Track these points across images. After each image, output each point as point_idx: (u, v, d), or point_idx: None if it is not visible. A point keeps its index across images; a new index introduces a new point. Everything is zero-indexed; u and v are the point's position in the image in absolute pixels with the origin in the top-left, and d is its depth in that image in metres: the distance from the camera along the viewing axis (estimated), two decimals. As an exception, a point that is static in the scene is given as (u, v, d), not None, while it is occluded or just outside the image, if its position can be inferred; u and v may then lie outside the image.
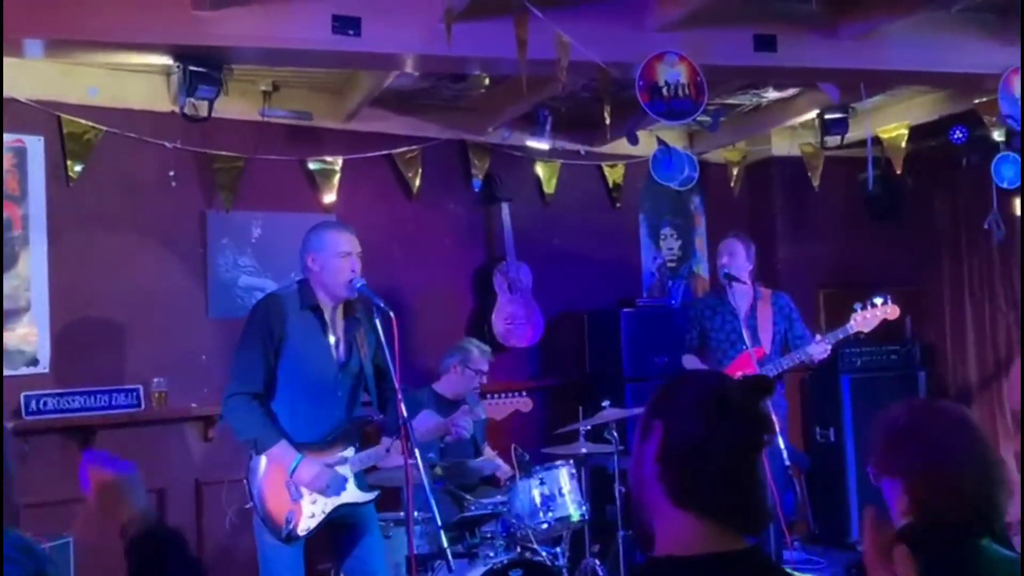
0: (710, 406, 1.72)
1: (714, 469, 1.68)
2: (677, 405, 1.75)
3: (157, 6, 4.15)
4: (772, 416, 1.76)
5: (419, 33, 4.41)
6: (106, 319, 5.43)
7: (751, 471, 1.71)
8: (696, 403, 1.73)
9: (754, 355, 5.26)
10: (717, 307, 5.61)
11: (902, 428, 2.19)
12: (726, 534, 1.68)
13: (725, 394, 1.72)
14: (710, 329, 5.59)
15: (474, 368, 5.45)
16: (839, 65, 4.97)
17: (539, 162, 6.93)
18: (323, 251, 3.92)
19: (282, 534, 3.86)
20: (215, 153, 5.71)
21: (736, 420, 1.70)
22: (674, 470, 1.70)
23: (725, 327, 5.52)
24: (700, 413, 1.71)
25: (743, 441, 1.70)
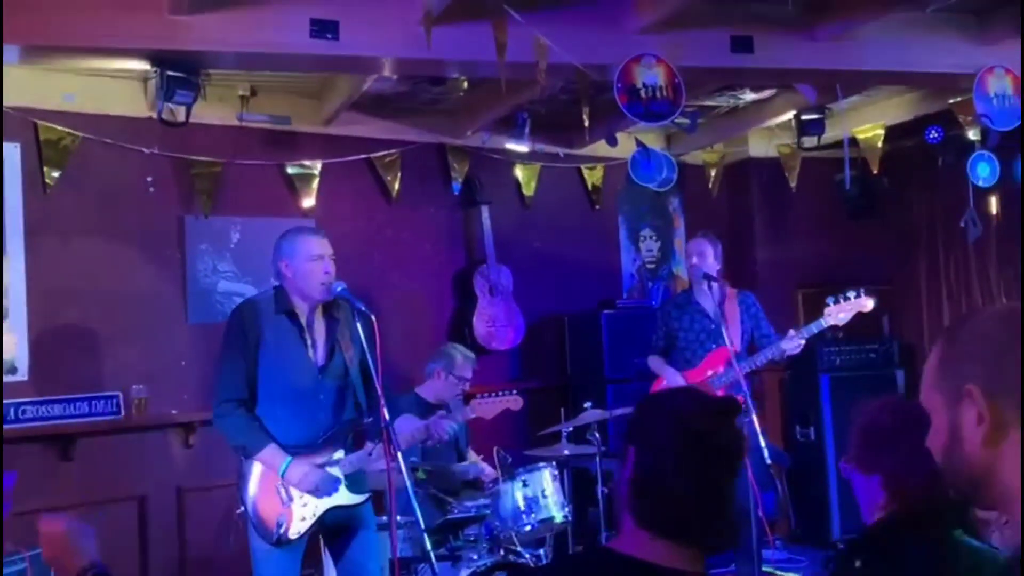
0: (676, 436, 1.75)
1: (678, 498, 1.72)
2: (646, 433, 1.79)
3: (134, 10, 4.13)
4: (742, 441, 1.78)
5: (398, 36, 4.41)
6: (85, 326, 5.39)
7: (718, 498, 1.74)
8: (664, 433, 1.77)
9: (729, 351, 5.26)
10: (685, 307, 5.60)
11: (881, 428, 2.22)
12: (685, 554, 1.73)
13: (691, 425, 1.75)
14: (678, 329, 5.56)
15: (457, 375, 5.44)
16: (815, 66, 5.01)
17: (518, 165, 6.95)
18: (295, 256, 3.91)
19: (273, 538, 3.85)
20: (193, 158, 5.69)
21: (702, 449, 1.73)
22: (643, 498, 1.75)
23: (694, 327, 5.52)
24: (666, 442, 1.75)
25: (710, 471, 1.73)
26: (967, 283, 7.22)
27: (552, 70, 4.46)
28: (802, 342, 5.27)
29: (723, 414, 1.78)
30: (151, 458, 5.54)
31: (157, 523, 5.50)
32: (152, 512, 5.49)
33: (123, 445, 5.42)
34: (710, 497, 1.73)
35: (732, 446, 1.75)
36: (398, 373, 5.79)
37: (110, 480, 5.34)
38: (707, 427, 1.74)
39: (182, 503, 5.58)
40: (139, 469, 5.47)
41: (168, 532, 5.54)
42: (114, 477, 5.37)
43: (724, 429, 1.76)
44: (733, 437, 1.76)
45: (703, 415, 1.76)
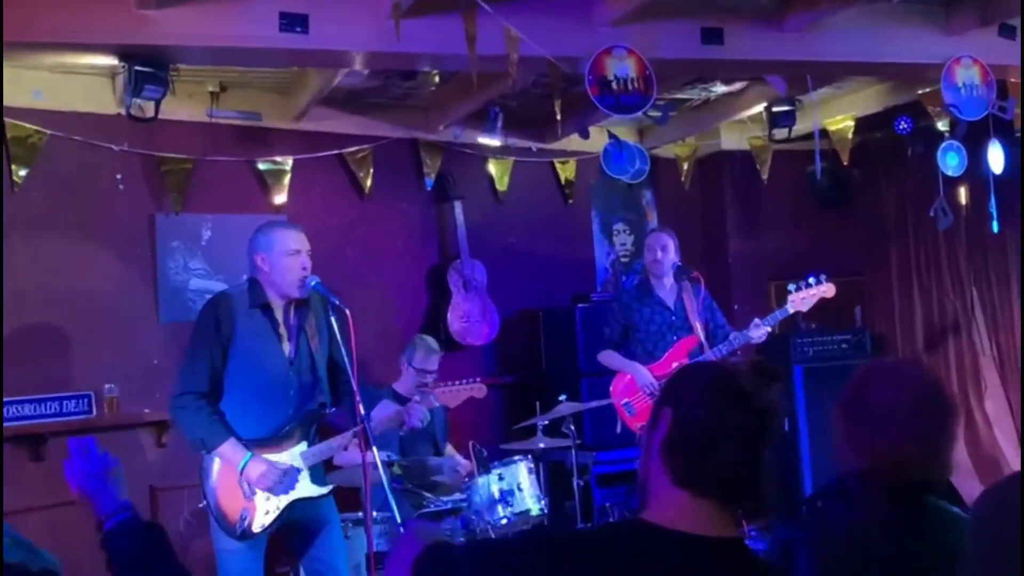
0: (718, 393, 1.73)
1: (719, 454, 1.69)
2: (686, 392, 1.77)
3: (101, 5, 4.10)
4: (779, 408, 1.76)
5: (368, 30, 4.40)
6: (55, 325, 5.34)
7: (755, 459, 1.70)
8: (705, 390, 1.75)
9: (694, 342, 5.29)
10: (644, 300, 5.56)
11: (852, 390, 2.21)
12: (720, 518, 1.69)
13: (734, 381, 1.72)
14: (638, 322, 5.52)
15: (418, 367, 5.44)
16: (785, 57, 5.03)
17: (491, 160, 6.94)
18: (272, 250, 3.88)
19: (236, 532, 3.82)
20: (163, 155, 5.65)
21: (743, 408, 1.70)
22: (679, 453, 1.71)
23: (655, 319, 5.49)
24: (708, 400, 1.73)
25: (750, 429, 1.70)
26: (938, 272, 7.28)
27: (523, 63, 4.46)
28: (768, 329, 5.29)
29: (765, 375, 1.75)
30: (123, 457, 5.29)
31: (130, 523, 5.45)
32: (125, 512, 5.44)
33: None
34: (748, 456, 1.70)
35: (771, 409, 1.72)
36: (373, 369, 5.78)
37: (82, 480, 5.29)
38: (749, 385, 1.72)
39: (155, 502, 5.53)
40: (112, 469, 5.42)
41: (142, 532, 5.49)
42: (86, 477, 5.31)
43: (765, 390, 1.73)
44: (773, 400, 1.73)
45: (746, 373, 1.74)
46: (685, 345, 5.31)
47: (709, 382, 1.77)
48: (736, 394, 1.71)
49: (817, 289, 5.28)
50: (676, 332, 5.40)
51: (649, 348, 5.48)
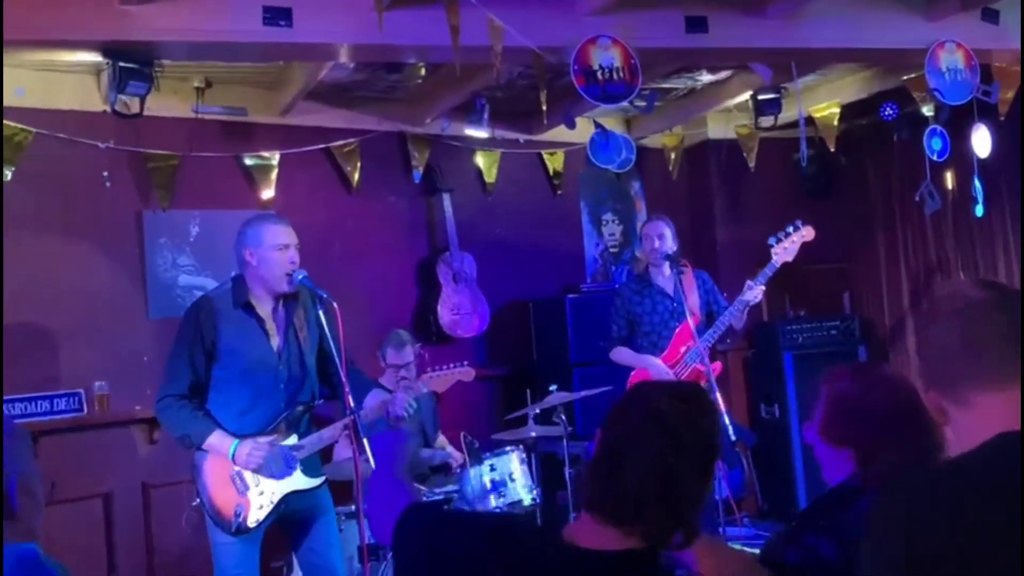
0: (632, 414, 1.77)
1: (619, 473, 1.72)
2: (614, 414, 1.82)
3: (83, 2, 4.08)
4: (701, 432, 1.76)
5: (351, 22, 4.39)
6: (44, 324, 5.34)
7: (662, 478, 1.70)
8: (622, 410, 1.80)
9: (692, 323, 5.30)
10: (644, 291, 5.57)
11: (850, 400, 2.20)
12: (625, 536, 1.71)
13: (653, 403, 1.75)
14: (641, 314, 5.53)
15: (390, 363, 5.46)
16: (769, 44, 5.03)
17: (479, 152, 6.95)
18: (260, 244, 3.89)
19: (232, 527, 3.84)
20: (149, 152, 5.64)
21: (652, 428, 1.72)
22: (592, 477, 1.77)
23: (657, 308, 5.51)
24: (622, 420, 1.77)
25: (660, 453, 1.71)
26: (925, 257, 7.31)
27: (508, 54, 4.46)
28: (762, 288, 5.29)
29: (680, 394, 1.77)
30: (115, 455, 5.50)
31: (123, 519, 5.47)
32: (118, 508, 5.46)
33: (86, 442, 5.38)
34: (653, 475, 1.70)
35: (682, 428, 1.72)
36: (363, 363, 5.75)
37: (75, 477, 5.29)
38: (666, 408, 1.74)
39: (148, 499, 5.56)
40: (103, 466, 5.43)
41: (135, 528, 5.51)
42: (78, 474, 5.31)
43: (678, 409, 1.74)
44: (687, 420, 1.74)
45: (666, 396, 1.76)
46: (687, 328, 5.31)
47: (629, 401, 1.81)
48: (651, 416, 1.73)
49: (797, 235, 5.31)
50: (678, 318, 5.42)
51: (654, 339, 5.50)
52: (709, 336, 5.37)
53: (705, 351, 5.28)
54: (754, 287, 5.29)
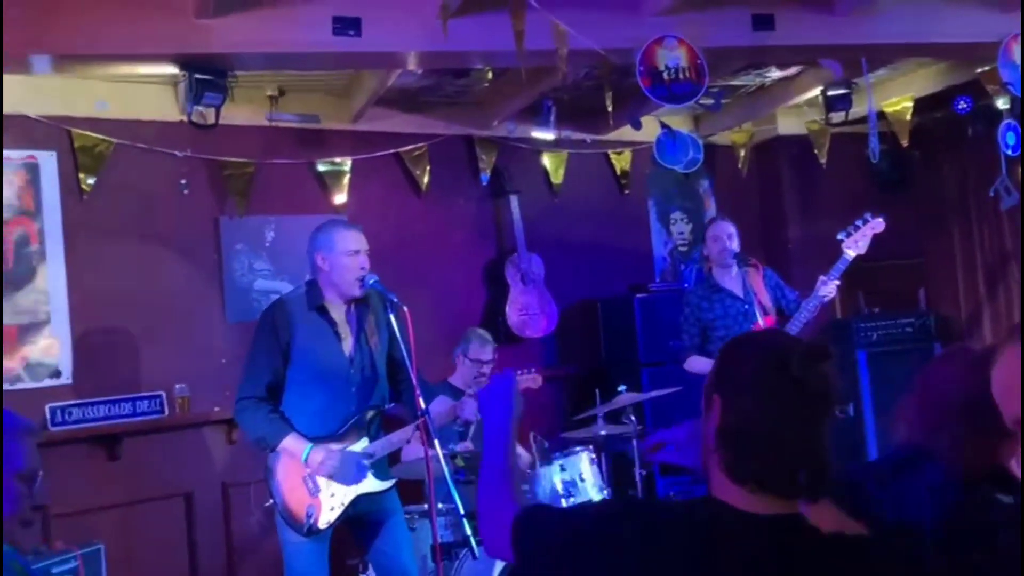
0: (767, 382, 1.68)
1: (770, 446, 1.66)
2: (735, 379, 1.73)
3: (160, 16, 4.21)
4: (835, 384, 1.69)
5: (419, 30, 4.45)
6: (125, 328, 5.50)
7: (812, 442, 1.66)
8: (755, 376, 1.70)
9: (766, 323, 5.26)
10: (712, 296, 5.48)
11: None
12: (778, 502, 1.67)
13: (784, 365, 1.66)
14: (712, 319, 5.44)
15: (471, 357, 5.50)
16: (838, 41, 4.99)
17: (546, 153, 6.98)
18: (332, 250, 3.97)
19: (303, 529, 3.92)
20: (225, 160, 5.78)
21: (794, 395, 1.65)
22: (731, 447, 1.68)
23: (729, 312, 5.42)
24: (757, 389, 1.69)
25: (802, 413, 1.65)
26: (1002, 252, 7.16)
27: (573, 56, 4.48)
28: (836, 282, 5.19)
29: (815, 355, 1.68)
30: (195, 455, 5.64)
31: (203, 518, 5.61)
32: (198, 508, 5.60)
33: (167, 443, 5.53)
34: (803, 442, 1.65)
35: (825, 388, 1.66)
36: (433, 364, 5.84)
37: (156, 478, 5.46)
38: (799, 367, 1.66)
39: (227, 498, 5.68)
40: (184, 466, 5.58)
41: (215, 527, 5.64)
42: (160, 475, 5.48)
43: (816, 370, 1.66)
44: (826, 379, 1.67)
45: (795, 355, 1.67)
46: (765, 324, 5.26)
47: (757, 365, 1.71)
48: (784, 379, 1.65)
49: (867, 228, 5.21)
50: (750, 319, 5.33)
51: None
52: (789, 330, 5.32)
53: None
54: (828, 282, 5.20)
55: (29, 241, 5.21)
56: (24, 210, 5.21)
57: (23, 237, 5.19)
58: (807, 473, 1.65)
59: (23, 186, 5.22)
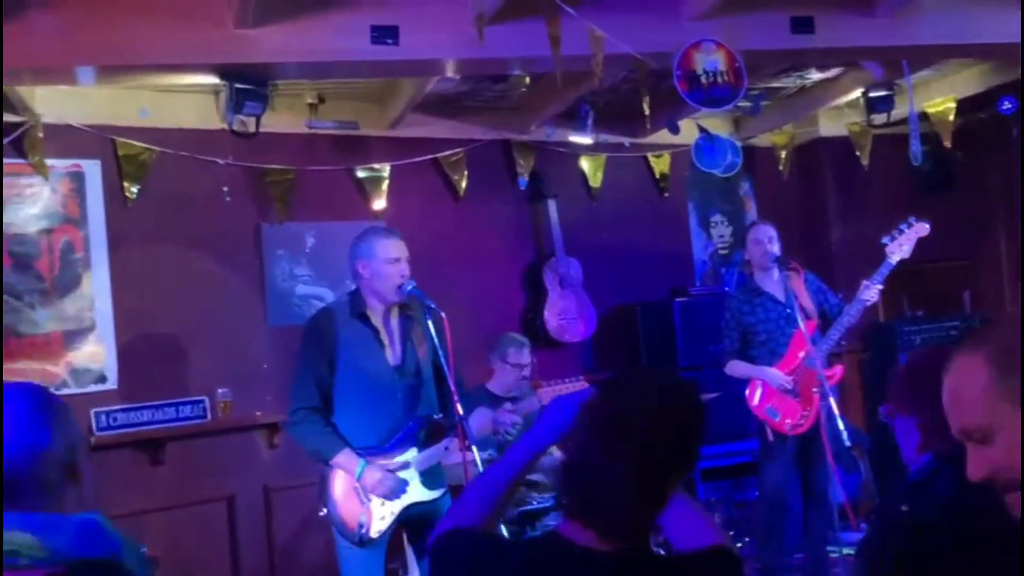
0: (584, 418, 1.76)
1: (582, 478, 1.72)
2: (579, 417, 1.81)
3: (201, 27, 4.25)
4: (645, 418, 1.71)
5: (456, 38, 4.47)
6: (169, 333, 5.58)
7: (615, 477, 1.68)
8: (578, 415, 1.79)
9: (808, 327, 5.22)
10: (754, 300, 5.43)
11: (923, 369, 2.23)
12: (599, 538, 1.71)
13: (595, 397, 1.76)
14: (754, 324, 5.39)
15: (511, 362, 5.49)
16: (878, 43, 4.93)
17: (584, 157, 6.97)
18: (373, 258, 3.99)
19: (356, 538, 3.94)
20: (266, 167, 5.84)
21: (601, 423, 1.71)
22: (562, 487, 1.78)
23: (771, 316, 5.37)
24: (579, 424, 1.77)
25: (610, 450, 1.69)
26: (1050, 253, 7.05)
27: (611, 61, 4.49)
28: (879, 287, 5.14)
29: (621, 386, 1.76)
30: (238, 459, 5.70)
31: (246, 522, 5.67)
32: (241, 511, 5.67)
33: (210, 447, 5.60)
34: (626, 487, 1.68)
35: (628, 423, 1.68)
36: (471, 369, 5.82)
37: (199, 481, 5.53)
38: (604, 397, 1.73)
39: (269, 502, 5.74)
40: (227, 470, 5.65)
41: (257, 530, 5.70)
42: (203, 478, 5.55)
43: (620, 401, 1.72)
44: (631, 410, 1.70)
45: (633, 399, 1.73)
46: (803, 334, 5.23)
47: (598, 406, 1.76)
48: (600, 416, 1.72)
49: (911, 232, 5.14)
50: (792, 324, 5.26)
51: (772, 347, 5.35)
52: (827, 340, 5.27)
53: (823, 356, 5.19)
54: (870, 287, 5.16)
55: (74, 249, 5.30)
56: (69, 218, 5.31)
57: (68, 245, 5.29)
58: (612, 509, 1.68)
59: (68, 194, 5.31)
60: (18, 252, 5.15)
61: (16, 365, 5.09)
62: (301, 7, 4.30)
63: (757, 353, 5.40)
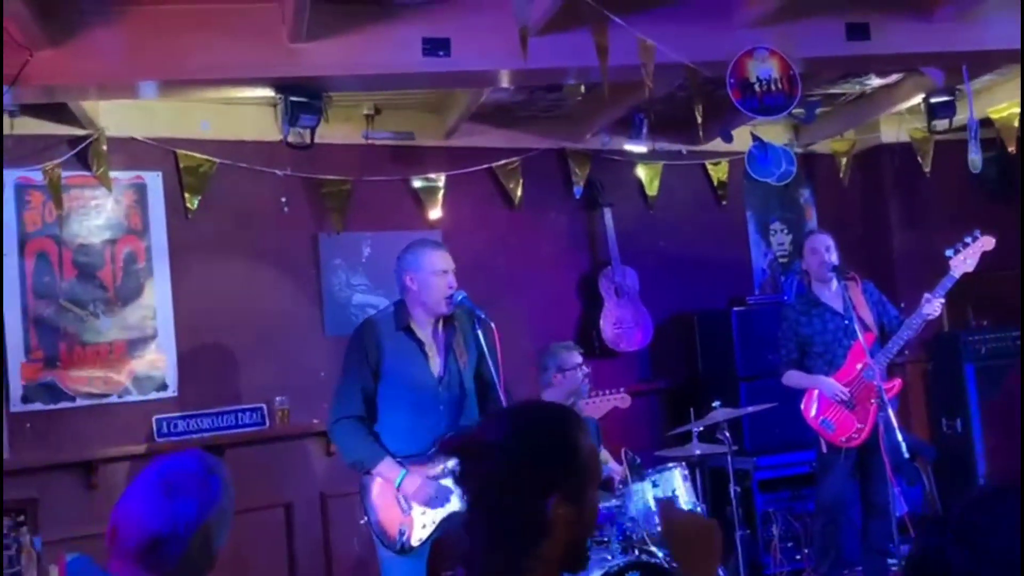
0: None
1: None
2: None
3: (256, 41, 4.34)
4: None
5: (507, 49, 4.44)
6: (228, 342, 5.67)
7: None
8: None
9: (867, 339, 5.13)
10: (811, 311, 5.36)
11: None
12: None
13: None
14: (811, 335, 5.33)
15: (570, 366, 5.46)
16: (936, 49, 4.86)
17: (640, 165, 6.94)
18: (420, 270, 4.03)
19: (396, 546, 3.98)
20: (323, 178, 5.91)
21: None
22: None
23: (828, 327, 5.30)
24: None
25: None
26: (1121, 263, 6.84)
27: (664, 70, 4.48)
28: (940, 301, 5.05)
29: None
30: (295, 466, 5.77)
31: (302, 528, 5.74)
32: (298, 518, 5.74)
33: (268, 454, 5.68)
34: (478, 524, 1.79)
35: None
36: (526, 378, 5.86)
37: (257, 488, 5.57)
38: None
39: (326, 509, 5.80)
40: (284, 477, 5.72)
41: (314, 537, 5.76)
42: (261, 485, 5.60)
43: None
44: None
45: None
46: (861, 346, 5.14)
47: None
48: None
49: (976, 245, 5.05)
50: (851, 335, 5.18)
51: (829, 359, 5.29)
52: (886, 352, 5.18)
53: (882, 368, 5.11)
54: (932, 300, 5.07)
55: (137, 259, 5.43)
56: (132, 229, 5.44)
57: (131, 255, 5.41)
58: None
59: (131, 205, 5.44)
60: (83, 262, 5.29)
61: (81, 373, 5.23)
62: (353, 21, 4.37)
63: (814, 364, 5.34)
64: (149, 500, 1.90)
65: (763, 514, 6.23)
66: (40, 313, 5.15)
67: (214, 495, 1.92)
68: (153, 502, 1.89)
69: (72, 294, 5.24)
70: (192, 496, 1.90)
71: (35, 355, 5.12)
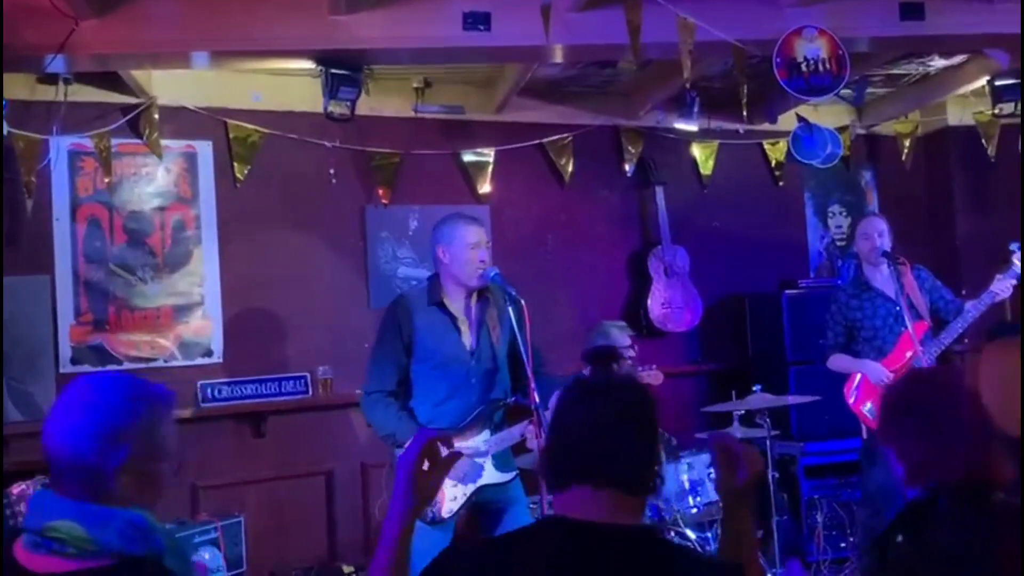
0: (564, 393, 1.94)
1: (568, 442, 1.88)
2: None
3: (298, 14, 4.37)
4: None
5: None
6: (274, 311, 5.75)
7: (605, 435, 1.83)
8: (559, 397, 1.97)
9: (915, 332, 5.01)
10: (862, 295, 5.25)
11: (892, 397, 2.23)
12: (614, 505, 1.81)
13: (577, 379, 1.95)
14: (861, 319, 5.22)
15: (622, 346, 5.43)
16: (992, 30, 4.69)
17: (695, 143, 6.84)
18: (453, 243, 4.03)
19: (427, 519, 4.00)
20: (372, 150, 5.94)
21: (578, 393, 1.90)
22: (547, 458, 1.91)
23: (879, 312, 5.18)
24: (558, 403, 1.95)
25: (587, 411, 1.87)
26: None
27: (709, 48, 4.41)
28: (1013, 282, 4.92)
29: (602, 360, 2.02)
30: (336, 435, 5.85)
31: (343, 496, 5.81)
32: (338, 486, 5.81)
33: (310, 422, 5.76)
34: (600, 439, 1.82)
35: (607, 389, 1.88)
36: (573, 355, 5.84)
37: (299, 455, 5.70)
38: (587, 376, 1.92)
39: (366, 478, 5.86)
40: (325, 445, 5.80)
41: (353, 504, 5.84)
42: (303, 452, 5.71)
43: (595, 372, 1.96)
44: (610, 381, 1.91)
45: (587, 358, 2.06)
46: (916, 332, 5.02)
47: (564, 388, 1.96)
48: (571, 384, 1.92)
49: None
50: (901, 322, 5.06)
51: (878, 344, 5.17)
52: (939, 342, 5.05)
53: (932, 358, 4.98)
54: (1005, 279, 4.92)
55: (186, 226, 5.52)
56: (182, 197, 5.53)
57: (180, 223, 5.51)
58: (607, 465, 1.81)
59: (181, 174, 5.54)
60: (133, 228, 5.40)
61: (130, 337, 5.36)
62: (394, -7, 4.37)
63: (862, 349, 5.24)
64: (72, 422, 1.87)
65: (808, 500, 6.14)
66: (90, 277, 5.28)
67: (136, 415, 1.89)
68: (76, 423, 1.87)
69: (122, 259, 5.36)
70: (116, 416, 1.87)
71: (84, 318, 5.25)
